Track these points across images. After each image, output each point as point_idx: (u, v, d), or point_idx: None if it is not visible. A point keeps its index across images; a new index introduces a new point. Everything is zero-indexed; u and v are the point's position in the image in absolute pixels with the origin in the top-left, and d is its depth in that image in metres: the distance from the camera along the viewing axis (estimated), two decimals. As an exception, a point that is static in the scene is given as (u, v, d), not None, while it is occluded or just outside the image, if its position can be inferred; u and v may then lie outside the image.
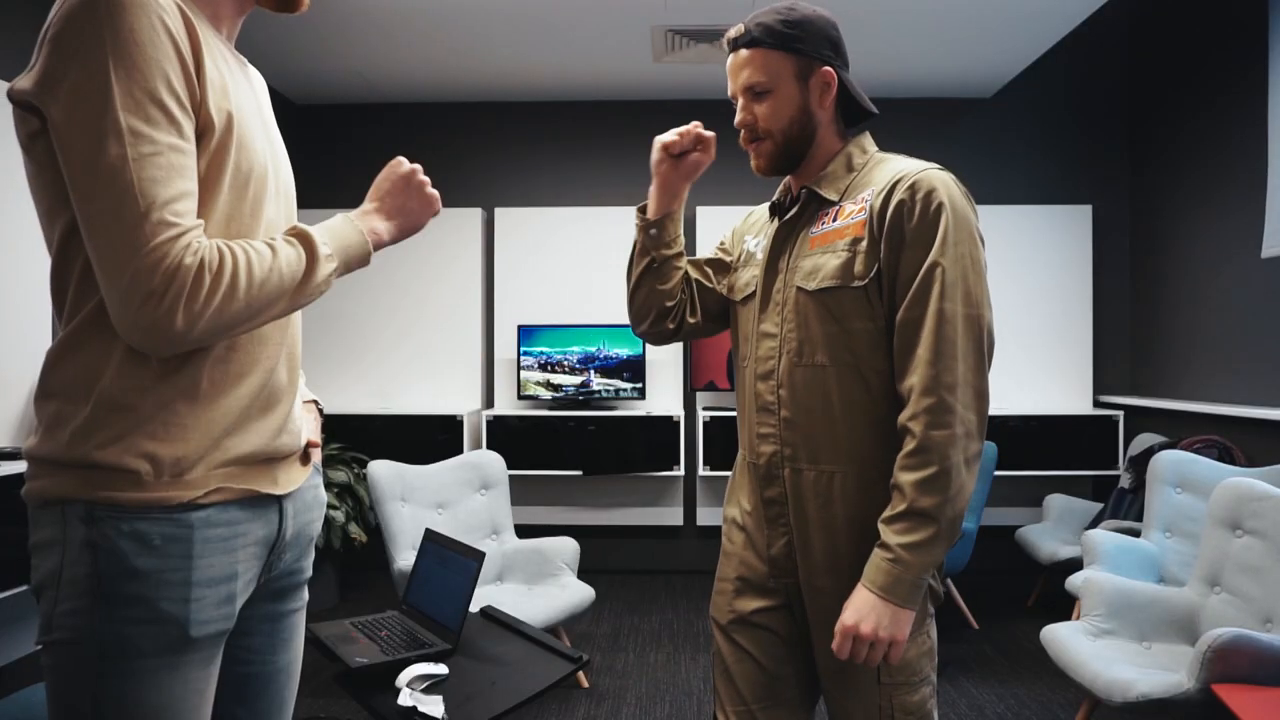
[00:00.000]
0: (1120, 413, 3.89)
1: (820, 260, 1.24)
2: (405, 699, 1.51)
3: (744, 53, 1.25)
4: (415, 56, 3.82)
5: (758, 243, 1.39)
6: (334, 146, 4.46)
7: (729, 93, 1.29)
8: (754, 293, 1.35)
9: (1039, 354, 4.13)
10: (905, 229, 1.15)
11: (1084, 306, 4.18)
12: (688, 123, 1.40)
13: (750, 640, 1.34)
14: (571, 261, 4.28)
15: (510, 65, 3.93)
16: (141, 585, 0.85)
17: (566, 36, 3.60)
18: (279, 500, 1.00)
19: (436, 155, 4.44)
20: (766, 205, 1.44)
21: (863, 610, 1.13)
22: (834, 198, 1.26)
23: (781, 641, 1.32)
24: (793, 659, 1.33)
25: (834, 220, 1.25)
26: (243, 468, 0.94)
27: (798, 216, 1.30)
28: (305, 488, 1.07)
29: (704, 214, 4.25)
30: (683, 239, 1.46)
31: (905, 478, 1.12)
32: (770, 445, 1.29)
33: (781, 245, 1.31)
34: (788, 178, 1.37)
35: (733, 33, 1.26)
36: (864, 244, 1.19)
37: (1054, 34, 3.52)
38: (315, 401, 1.19)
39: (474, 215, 4.30)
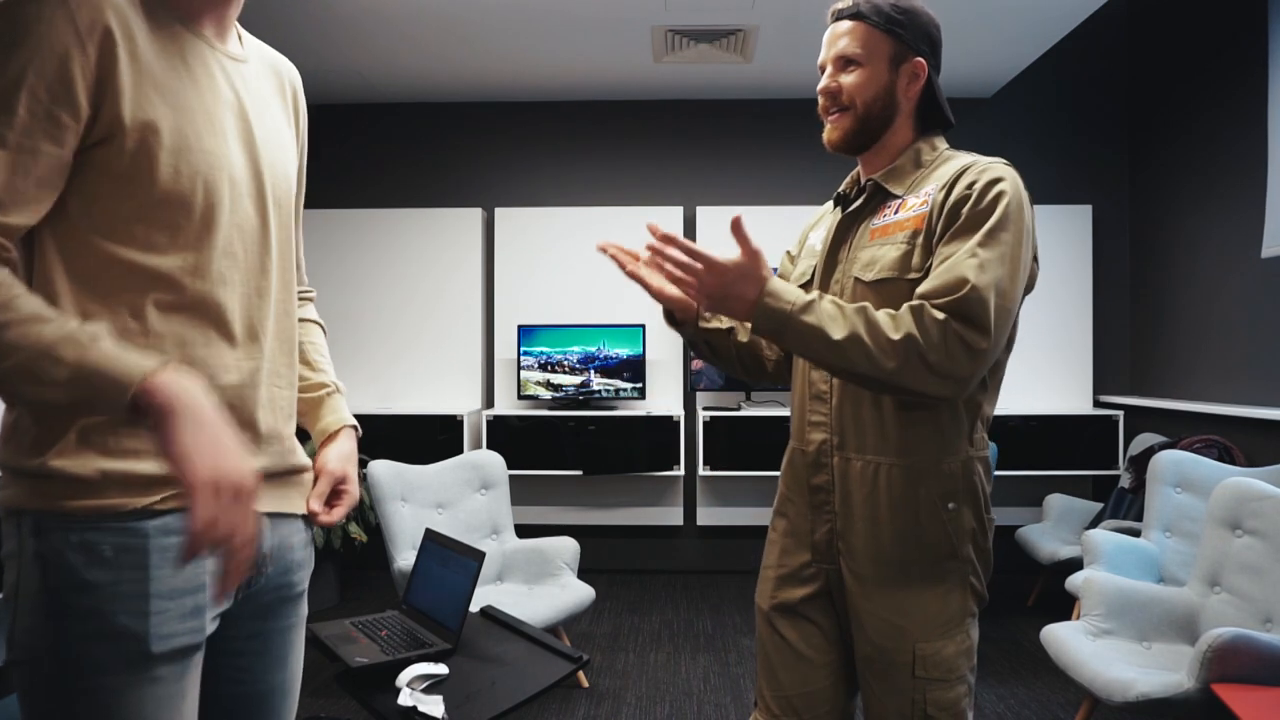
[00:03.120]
0: (1120, 413, 3.89)
1: (879, 252, 1.25)
2: (405, 699, 1.51)
3: (846, 23, 1.27)
4: (415, 56, 3.82)
5: (818, 235, 1.41)
6: (334, 146, 4.45)
7: (818, 61, 1.30)
8: (810, 281, 1.36)
9: (1039, 354, 4.12)
10: (961, 211, 1.16)
11: (1084, 306, 4.18)
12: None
13: (790, 628, 1.35)
14: (571, 261, 4.28)
15: (510, 65, 3.93)
16: (94, 599, 0.81)
17: (566, 36, 3.60)
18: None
19: (436, 155, 4.44)
20: (829, 202, 1.45)
21: (737, 272, 1.13)
22: (899, 192, 1.28)
23: (820, 631, 1.34)
24: (831, 649, 1.34)
25: (896, 213, 1.26)
26: None
27: (862, 208, 1.31)
28: (288, 522, 1.00)
29: (704, 214, 4.25)
30: (720, 317, 1.43)
31: (878, 310, 1.14)
32: (820, 433, 1.30)
33: (844, 235, 1.33)
34: (856, 170, 1.37)
35: (841, 4, 1.28)
36: (923, 237, 1.20)
37: (1054, 34, 3.52)
38: (354, 427, 1.13)
39: (474, 215, 4.30)
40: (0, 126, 0.76)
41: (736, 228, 1.13)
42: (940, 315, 1.10)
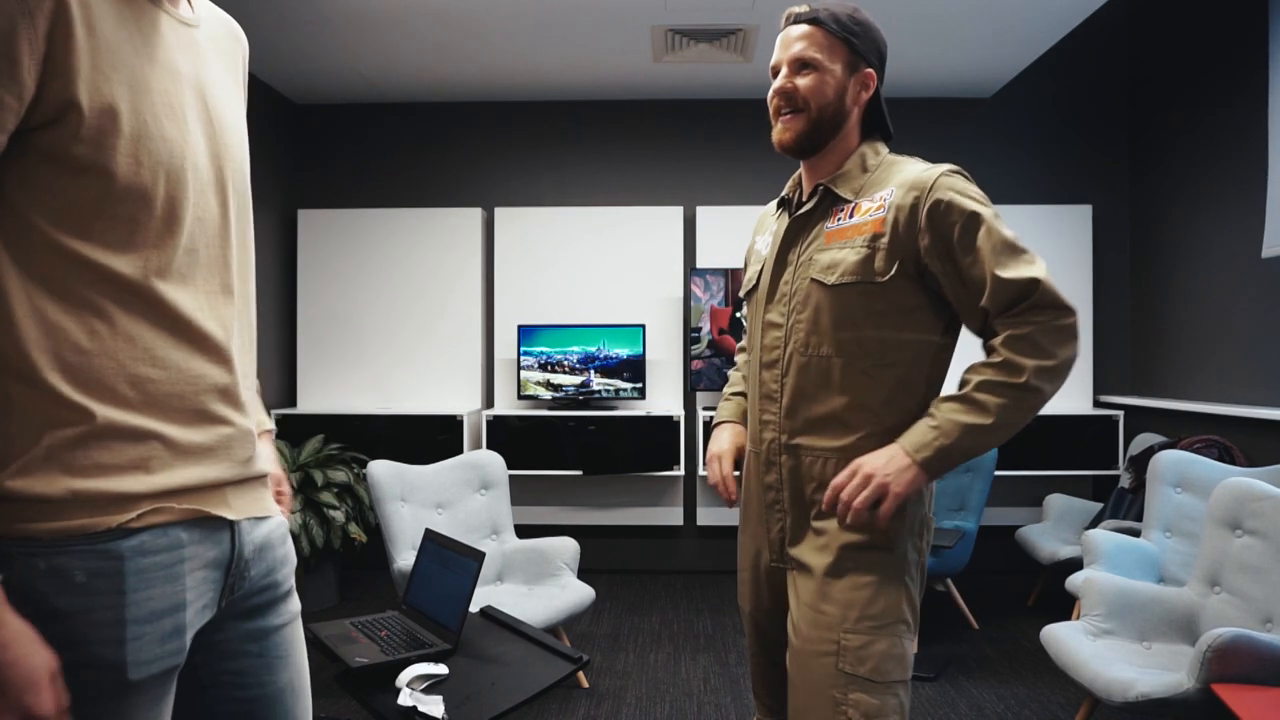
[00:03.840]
0: (1120, 413, 3.89)
1: (838, 255, 1.27)
2: (405, 699, 1.51)
3: (804, 27, 1.30)
4: (415, 56, 3.81)
5: (764, 239, 1.44)
6: (334, 146, 4.45)
7: (772, 63, 1.33)
8: (757, 285, 1.40)
9: (1039, 354, 4.12)
10: (954, 235, 1.20)
11: (1084, 306, 4.17)
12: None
13: (772, 627, 1.39)
14: (571, 261, 4.28)
15: (510, 65, 3.93)
16: (66, 628, 0.75)
17: (566, 36, 3.59)
18: (230, 522, 0.89)
19: (436, 155, 4.44)
20: (774, 202, 1.48)
21: (879, 456, 1.19)
22: (849, 196, 1.30)
23: (783, 639, 1.34)
24: None
25: (850, 216, 1.28)
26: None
27: (812, 211, 1.34)
28: (264, 522, 0.96)
29: (704, 214, 4.25)
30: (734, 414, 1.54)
31: (977, 375, 1.19)
32: (771, 432, 1.33)
33: (793, 238, 1.35)
34: (798, 173, 1.41)
35: (799, 9, 1.32)
36: (884, 240, 1.23)
37: (1054, 34, 3.52)
38: (271, 430, 1.10)
39: (474, 215, 4.30)
40: None
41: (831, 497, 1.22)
42: (1031, 326, 1.16)
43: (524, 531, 3.25)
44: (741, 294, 1.48)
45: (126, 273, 0.79)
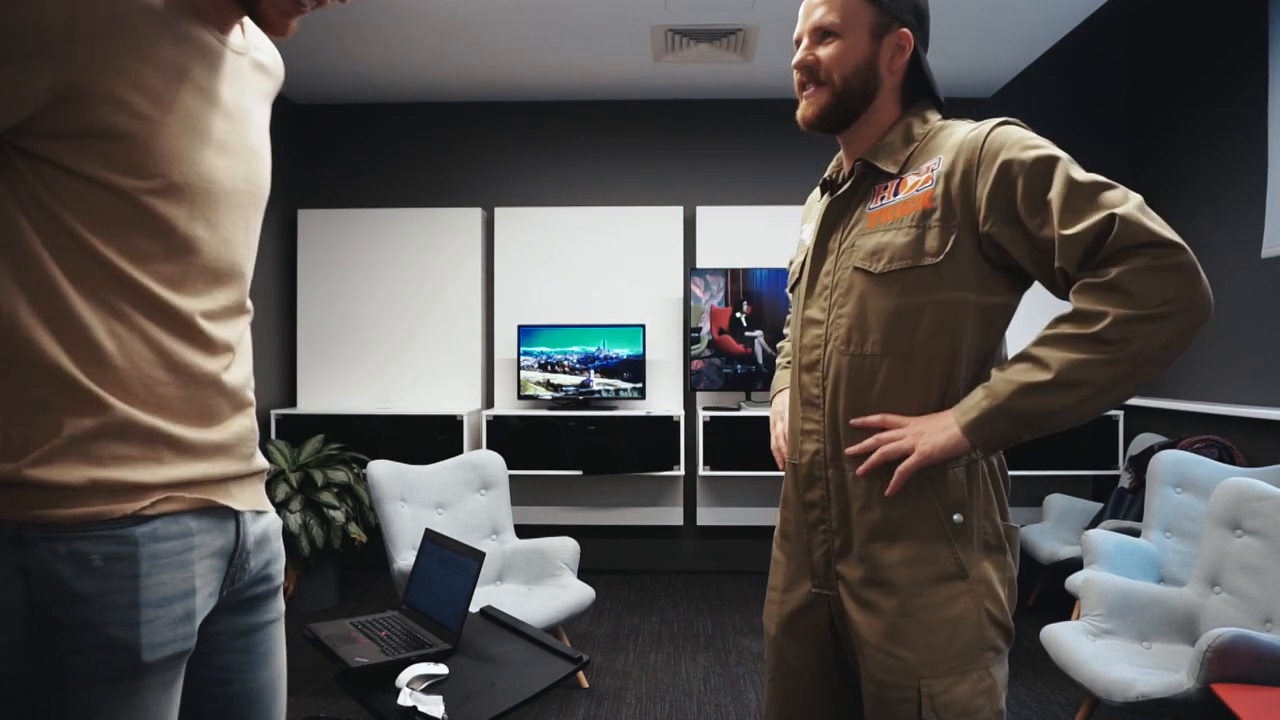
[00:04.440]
0: (1120, 412, 3.89)
1: (884, 239, 1.13)
2: (405, 699, 1.51)
3: None
4: (415, 56, 3.81)
5: (809, 227, 1.29)
6: (334, 147, 4.45)
7: (795, 35, 1.21)
8: (800, 278, 1.27)
9: (1039, 354, 4.12)
10: (1015, 204, 1.04)
11: (1084, 306, 4.17)
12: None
13: (781, 660, 1.27)
14: (571, 261, 4.28)
15: (510, 65, 3.93)
16: (84, 610, 0.78)
17: (566, 36, 3.60)
18: (236, 511, 0.94)
19: (436, 155, 4.44)
20: (815, 190, 1.34)
21: (931, 418, 1.07)
22: (893, 170, 1.16)
23: (826, 664, 1.22)
24: (830, 691, 1.23)
25: (895, 194, 1.14)
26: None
27: (852, 191, 1.20)
28: (262, 516, 1.01)
29: (704, 214, 4.25)
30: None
31: (1046, 330, 1.04)
32: (813, 443, 1.19)
33: (834, 223, 1.21)
34: (840, 154, 1.27)
35: None
36: (936, 216, 1.09)
37: (1054, 34, 3.52)
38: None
39: (474, 215, 4.30)
40: None
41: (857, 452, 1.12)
42: (1116, 268, 0.98)
43: (524, 531, 3.25)
44: (788, 288, 1.34)
45: (149, 282, 0.84)
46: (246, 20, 0.96)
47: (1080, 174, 1.02)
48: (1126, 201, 0.99)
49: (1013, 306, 1.14)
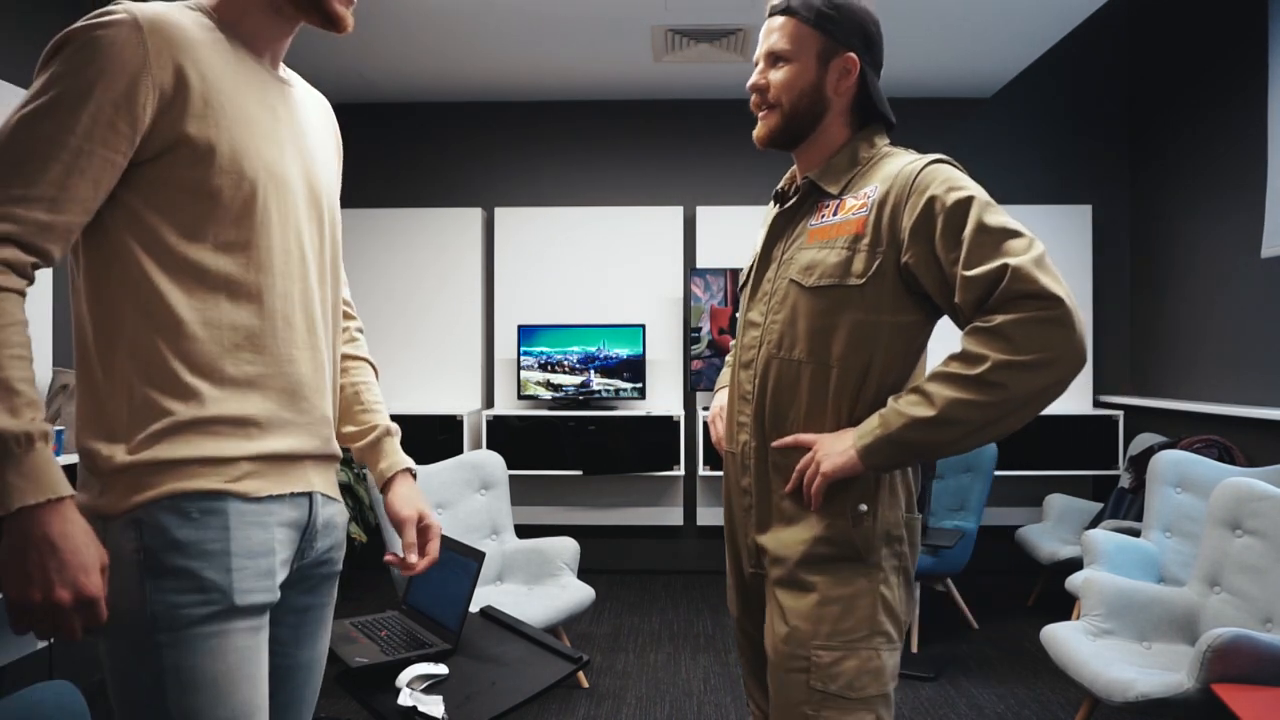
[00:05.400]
0: (1120, 413, 3.89)
1: (818, 255, 1.21)
2: (405, 699, 1.51)
3: (779, 18, 1.26)
4: (415, 56, 3.81)
5: (762, 233, 1.39)
6: (334, 146, 4.45)
7: (755, 57, 1.30)
8: (748, 280, 1.36)
9: (1039, 354, 4.12)
10: (939, 229, 1.11)
11: (1084, 306, 4.17)
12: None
13: (746, 637, 1.38)
14: (571, 261, 4.28)
15: (510, 65, 3.93)
16: (184, 556, 0.89)
17: (566, 36, 3.60)
18: (310, 491, 1.03)
19: (436, 155, 4.44)
20: (771, 200, 1.42)
21: (835, 436, 1.17)
22: (835, 191, 1.24)
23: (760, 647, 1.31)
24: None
25: (834, 214, 1.23)
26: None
27: (798, 206, 1.29)
28: (333, 502, 1.09)
29: (704, 214, 4.25)
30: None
31: (939, 367, 1.11)
32: (745, 434, 1.29)
33: (779, 234, 1.30)
34: (793, 168, 1.35)
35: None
36: (865, 241, 1.17)
37: (1054, 34, 3.52)
38: (411, 470, 1.22)
39: (474, 215, 4.30)
40: (62, 132, 0.84)
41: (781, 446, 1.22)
42: (1002, 317, 1.05)
43: (524, 531, 3.25)
44: (738, 289, 1.45)
45: (233, 273, 0.94)
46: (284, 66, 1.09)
47: (994, 219, 1.09)
48: (1027, 252, 1.06)
49: (926, 332, 1.22)
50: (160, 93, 0.88)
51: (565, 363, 4.10)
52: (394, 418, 1.33)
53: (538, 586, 2.88)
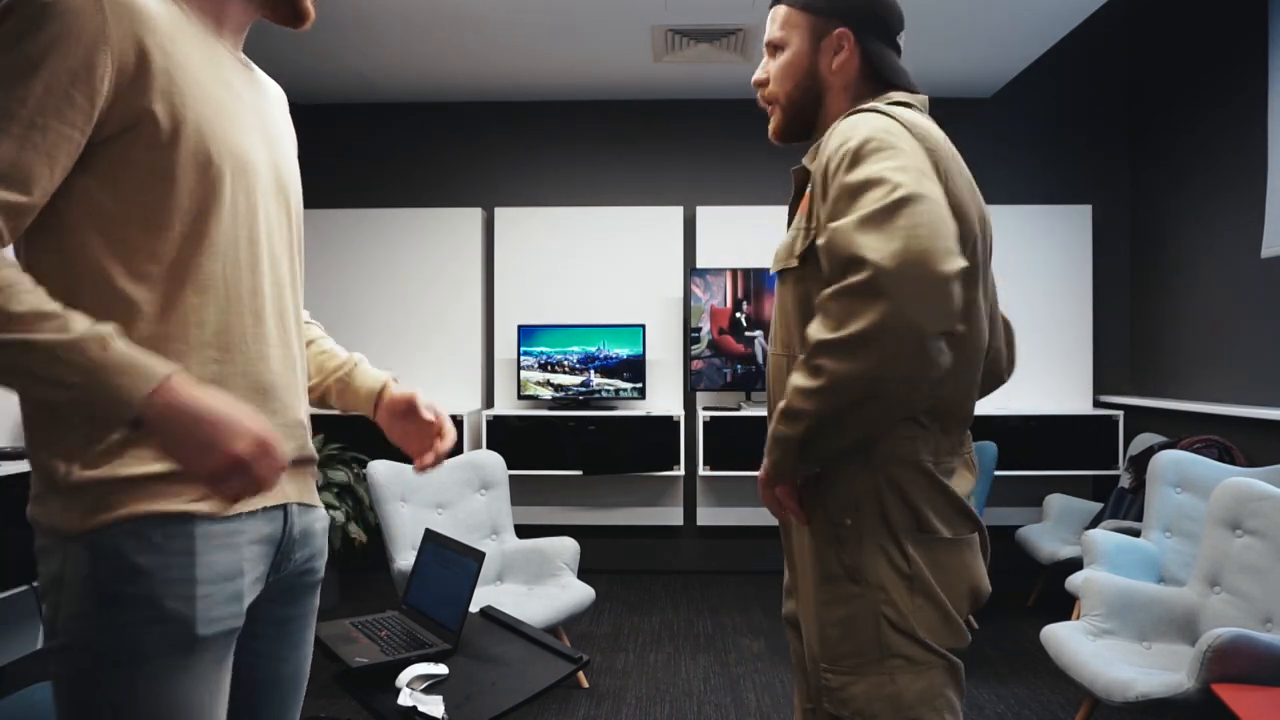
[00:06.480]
0: (1120, 413, 3.89)
1: (783, 240, 1.18)
2: (405, 699, 1.51)
3: (776, 8, 1.22)
4: (415, 56, 3.81)
5: None
6: (334, 146, 4.45)
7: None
8: None
9: (1039, 354, 4.12)
10: (830, 188, 1.01)
11: (1084, 306, 4.17)
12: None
13: (794, 643, 1.32)
14: (571, 261, 4.28)
15: (510, 65, 3.93)
16: (144, 584, 0.82)
17: (566, 36, 3.60)
18: (283, 504, 0.97)
19: (436, 155, 4.44)
20: None
21: None
22: (813, 169, 1.15)
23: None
24: None
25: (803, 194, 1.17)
26: None
27: (795, 193, 1.22)
28: (310, 510, 1.03)
29: (704, 214, 4.25)
30: None
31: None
32: None
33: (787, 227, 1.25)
34: None
35: None
36: (807, 219, 1.10)
37: (1054, 34, 3.52)
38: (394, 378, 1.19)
39: (474, 215, 4.30)
40: (11, 102, 0.76)
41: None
42: (829, 290, 0.94)
43: (524, 531, 3.25)
44: None
45: (199, 265, 0.87)
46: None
47: (862, 171, 0.94)
48: (874, 204, 0.90)
49: None
50: (120, 65, 0.80)
51: (565, 363, 4.10)
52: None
53: (538, 586, 2.88)
